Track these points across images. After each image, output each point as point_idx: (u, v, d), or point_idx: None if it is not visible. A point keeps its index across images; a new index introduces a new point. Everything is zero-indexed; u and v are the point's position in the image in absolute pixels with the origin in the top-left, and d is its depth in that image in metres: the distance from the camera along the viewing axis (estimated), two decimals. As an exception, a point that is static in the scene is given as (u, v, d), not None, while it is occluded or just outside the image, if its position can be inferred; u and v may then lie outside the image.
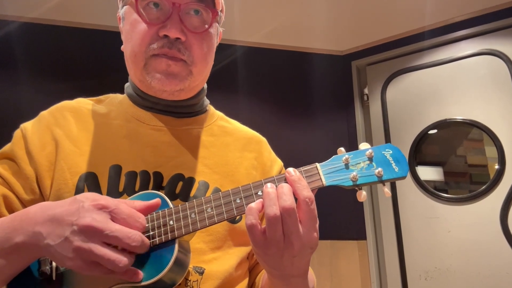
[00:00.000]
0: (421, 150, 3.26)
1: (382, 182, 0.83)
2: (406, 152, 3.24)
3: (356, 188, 0.84)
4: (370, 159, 0.84)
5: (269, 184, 0.81)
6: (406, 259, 3.11)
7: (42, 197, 1.01)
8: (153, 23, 1.03)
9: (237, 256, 1.07)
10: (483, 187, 2.94)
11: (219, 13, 1.13)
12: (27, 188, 1.00)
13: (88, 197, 0.80)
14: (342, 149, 0.87)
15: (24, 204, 1.00)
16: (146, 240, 0.81)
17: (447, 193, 3.08)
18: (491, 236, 2.84)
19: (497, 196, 2.88)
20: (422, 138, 3.24)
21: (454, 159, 3.18)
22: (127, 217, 0.79)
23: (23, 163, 1.02)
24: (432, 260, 3.02)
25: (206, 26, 1.09)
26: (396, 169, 0.82)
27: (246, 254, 1.12)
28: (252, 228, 0.79)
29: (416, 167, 3.22)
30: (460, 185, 3.11)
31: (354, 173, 0.83)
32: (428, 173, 3.20)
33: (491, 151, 3.00)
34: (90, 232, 0.75)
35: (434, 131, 3.23)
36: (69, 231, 0.76)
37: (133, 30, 1.05)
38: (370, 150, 0.84)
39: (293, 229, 0.77)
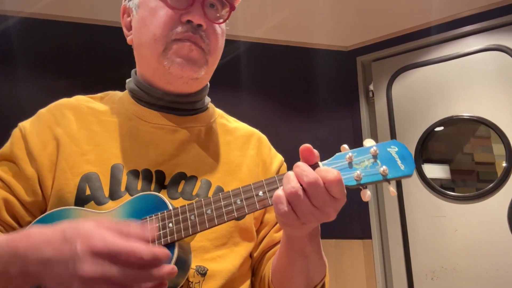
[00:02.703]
0: (427, 148, 3.23)
1: (387, 180, 0.79)
2: (412, 150, 3.22)
3: (360, 188, 0.81)
4: (375, 156, 0.80)
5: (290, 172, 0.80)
6: (412, 259, 3.09)
7: (44, 198, 1.00)
8: (176, 8, 1.05)
9: (240, 255, 1.07)
10: (491, 185, 2.91)
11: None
12: (29, 189, 0.99)
13: (78, 234, 0.72)
14: (345, 146, 0.84)
15: (26, 206, 0.99)
16: (156, 272, 0.73)
17: (453, 191, 3.05)
18: (499, 235, 2.81)
19: (505, 194, 2.85)
20: (428, 135, 3.21)
21: (461, 156, 3.15)
22: (125, 255, 0.70)
23: (24, 164, 1.01)
24: (439, 260, 2.99)
25: (221, 20, 1.13)
26: (402, 167, 0.78)
27: (249, 251, 1.12)
28: (287, 215, 0.78)
29: (422, 165, 3.19)
30: (467, 183, 3.09)
31: (358, 171, 0.80)
32: (434, 171, 3.17)
33: (498, 148, 2.98)
34: (92, 281, 0.69)
35: (441, 128, 3.20)
36: (68, 279, 0.70)
37: (153, 15, 1.06)
38: (374, 148, 0.81)
39: (325, 200, 0.77)
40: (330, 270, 1.10)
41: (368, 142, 0.83)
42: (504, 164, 2.90)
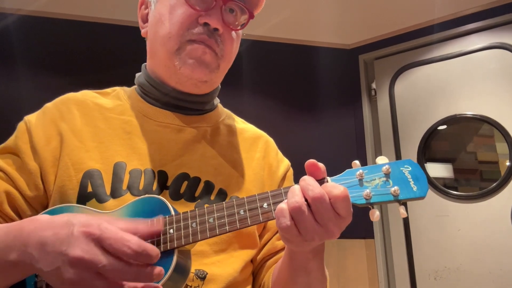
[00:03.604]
0: (430, 147, 3.22)
1: (398, 201, 0.77)
2: (415, 149, 3.21)
3: (369, 207, 0.79)
4: (387, 175, 0.78)
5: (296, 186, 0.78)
6: (415, 258, 3.08)
7: (46, 193, 1.00)
8: (195, 9, 1.04)
9: (241, 260, 1.06)
10: (494, 184, 2.90)
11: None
12: (31, 184, 0.99)
13: (80, 220, 0.75)
14: (357, 162, 0.82)
15: (28, 201, 0.99)
16: (143, 272, 0.74)
17: (457, 191, 3.04)
18: (502, 234, 2.80)
19: (509, 193, 2.85)
20: (431, 134, 3.20)
21: (464, 155, 3.14)
22: (114, 242, 0.72)
23: (27, 158, 1.00)
24: (442, 259, 2.98)
25: (239, 26, 1.13)
26: (415, 188, 0.76)
27: (251, 257, 1.10)
28: (289, 230, 0.76)
29: (425, 164, 3.18)
30: (470, 182, 3.07)
31: (368, 190, 0.77)
32: (437, 170, 3.15)
33: (502, 147, 2.96)
34: (81, 265, 0.71)
35: (444, 126, 3.18)
36: (60, 261, 0.71)
37: (172, 12, 1.05)
38: (387, 166, 0.78)
39: (329, 216, 0.75)
40: (332, 270, 1.09)
41: (381, 160, 0.80)
42: (507, 163, 2.89)
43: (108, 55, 3.09)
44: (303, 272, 0.94)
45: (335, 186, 0.75)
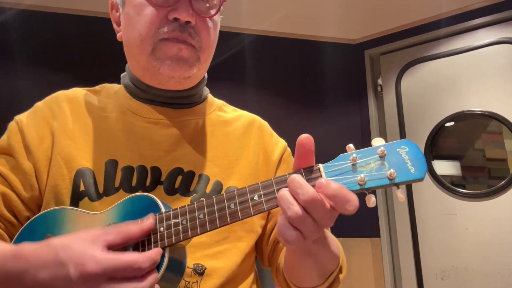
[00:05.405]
0: (438, 144, 3.19)
1: (395, 185, 0.72)
2: (422, 146, 3.18)
3: (365, 192, 0.74)
4: (382, 158, 0.73)
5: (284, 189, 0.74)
6: (421, 258, 3.06)
7: (41, 194, 0.99)
8: (162, 6, 1.01)
9: (242, 251, 1.06)
10: (503, 182, 2.87)
11: None
12: (26, 184, 0.99)
13: (72, 257, 0.72)
14: (351, 146, 0.78)
15: (24, 201, 0.99)
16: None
17: (464, 189, 3.01)
18: (511, 233, 2.77)
19: (517, 192, 2.81)
20: (438, 131, 3.16)
21: (472, 152, 3.10)
22: (123, 271, 0.72)
23: (21, 158, 1.00)
24: (449, 259, 2.96)
25: (213, 12, 1.08)
26: (412, 170, 0.71)
27: (251, 246, 1.10)
28: (297, 240, 0.73)
29: (432, 161, 3.15)
30: (478, 180, 3.04)
31: (362, 175, 0.73)
32: (445, 167, 3.12)
33: (510, 144, 2.94)
34: None
35: (451, 123, 3.15)
36: None
37: (139, 13, 1.02)
38: (382, 148, 0.73)
39: (324, 214, 0.72)
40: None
41: (377, 142, 0.76)
42: (516, 160, 2.85)
43: (107, 50, 3.07)
44: (308, 256, 0.90)
45: (327, 187, 0.70)
